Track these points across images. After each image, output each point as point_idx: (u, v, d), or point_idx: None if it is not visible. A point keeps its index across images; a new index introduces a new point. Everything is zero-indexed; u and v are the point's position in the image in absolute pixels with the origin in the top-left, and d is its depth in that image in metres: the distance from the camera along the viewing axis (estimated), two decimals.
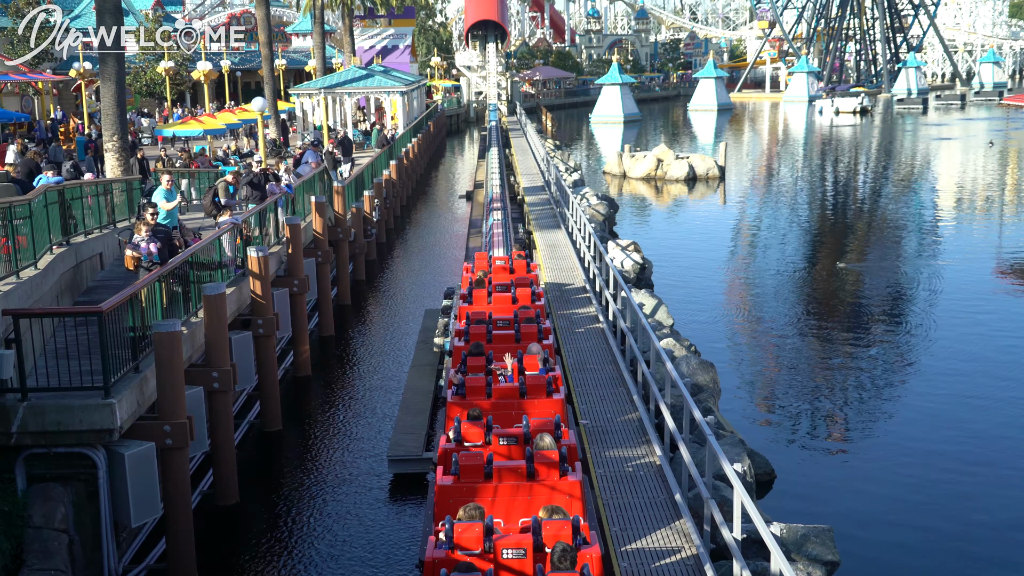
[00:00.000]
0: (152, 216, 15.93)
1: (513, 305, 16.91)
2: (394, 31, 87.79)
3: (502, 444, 10.48)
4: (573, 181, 42.62)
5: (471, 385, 12.27)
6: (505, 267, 20.13)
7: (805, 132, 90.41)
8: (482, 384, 12.33)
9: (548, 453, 10.17)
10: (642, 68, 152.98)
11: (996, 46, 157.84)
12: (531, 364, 13.22)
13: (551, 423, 11.23)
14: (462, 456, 9.89)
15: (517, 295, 17.49)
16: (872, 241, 36.76)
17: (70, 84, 56.46)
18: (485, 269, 19.91)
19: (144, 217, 15.77)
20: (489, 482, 9.85)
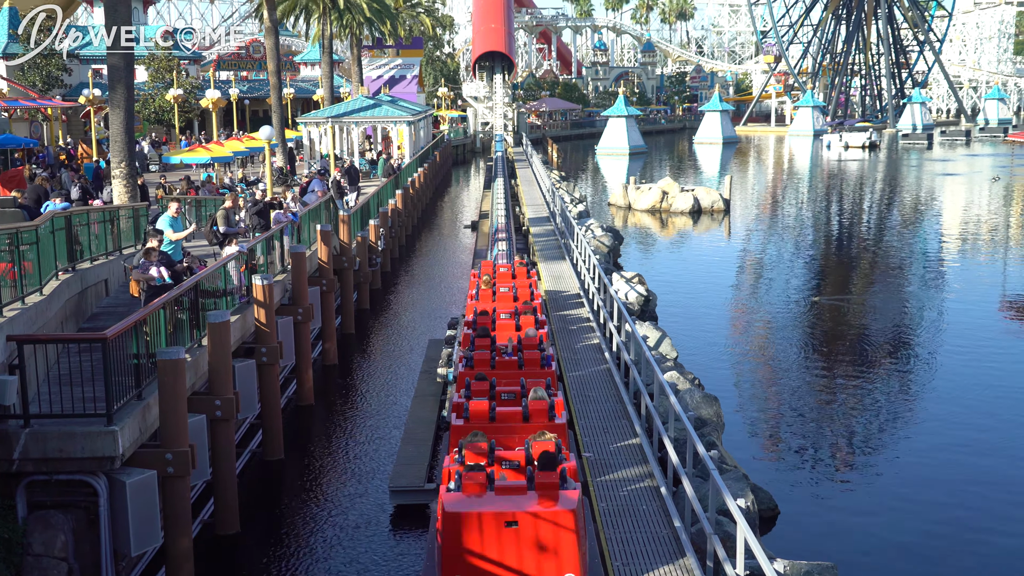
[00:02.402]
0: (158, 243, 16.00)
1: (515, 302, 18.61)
2: (402, 61, 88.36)
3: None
4: (578, 212, 42.70)
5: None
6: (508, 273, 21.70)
7: (810, 166, 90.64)
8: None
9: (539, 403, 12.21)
10: (648, 101, 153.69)
11: (1001, 83, 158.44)
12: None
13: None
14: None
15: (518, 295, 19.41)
16: (877, 276, 36.73)
17: (79, 111, 56.78)
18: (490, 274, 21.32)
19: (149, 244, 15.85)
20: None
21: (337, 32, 62.97)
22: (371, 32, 68.30)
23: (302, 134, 54.95)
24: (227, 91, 63.21)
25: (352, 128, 53.79)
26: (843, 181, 75.73)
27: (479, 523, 9.63)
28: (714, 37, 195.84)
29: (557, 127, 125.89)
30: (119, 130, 24.75)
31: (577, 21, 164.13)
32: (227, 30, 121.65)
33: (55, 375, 12.64)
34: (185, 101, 62.37)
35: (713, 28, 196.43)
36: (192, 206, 28.53)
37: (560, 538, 9.66)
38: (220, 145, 47.58)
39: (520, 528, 9.61)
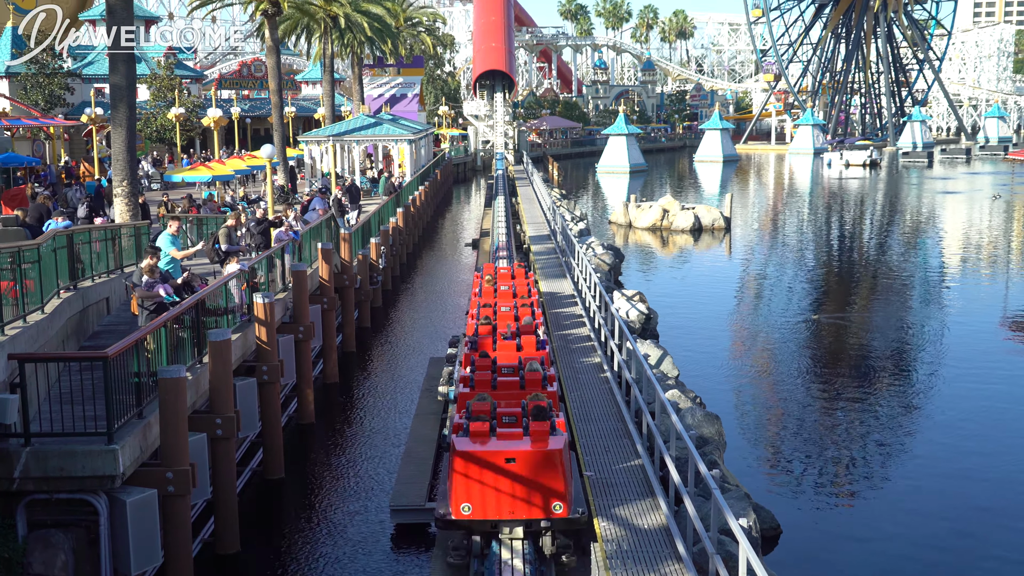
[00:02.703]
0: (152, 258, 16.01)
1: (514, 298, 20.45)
2: (403, 80, 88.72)
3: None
4: (579, 230, 42.76)
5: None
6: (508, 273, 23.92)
7: (811, 184, 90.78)
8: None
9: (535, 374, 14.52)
10: (648, 119, 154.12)
11: (1001, 101, 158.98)
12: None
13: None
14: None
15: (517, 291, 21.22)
16: (878, 294, 36.72)
17: (81, 129, 56.95)
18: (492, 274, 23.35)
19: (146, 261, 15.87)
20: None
21: (338, 51, 63.22)
22: (372, 51, 68.59)
23: (303, 152, 55.13)
24: (229, 110, 63.50)
25: (353, 146, 53.94)
26: (844, 199, 75.83)
27: (485, 460, 11.87)
28: (714, 56, 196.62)
29: (558, 145, 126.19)
30: (121, 149, 24.83)
31: (577, 40, 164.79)
32: (229, 49, 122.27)
33: (56, 393, 12.63)
34: (187, 120, 62.55)
35: (713, 47, 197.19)
36: (194, 224, 28.60)
37: (549, 473, 11.87)
38: (221, 163, 47.72)
39: (517, 464, 11.84)
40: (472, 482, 11.91)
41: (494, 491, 11.91)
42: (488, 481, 11.90)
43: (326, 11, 55.14)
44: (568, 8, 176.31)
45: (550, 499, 11.85)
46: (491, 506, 11.91)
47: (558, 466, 11.94)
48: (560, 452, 12.02)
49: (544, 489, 11.88)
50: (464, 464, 11.95)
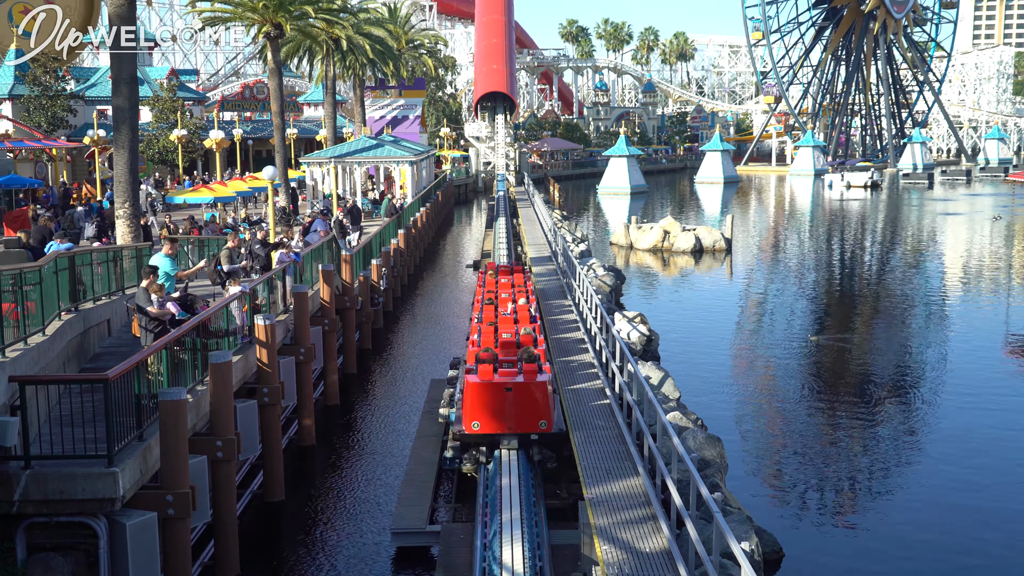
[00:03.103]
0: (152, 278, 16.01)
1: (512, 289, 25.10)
2: (404, 102, 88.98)
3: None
4: (580, 252, 42.78)
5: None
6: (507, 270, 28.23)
7: (812, 205, 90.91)
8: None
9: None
10: (649, 140, 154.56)
11: (1001, 123, 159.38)
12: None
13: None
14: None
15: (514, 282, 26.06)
16: (880, 315, 36.70)
17: (84, 151, 57.11)
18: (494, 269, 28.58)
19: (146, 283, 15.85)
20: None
21: (340, 73, 63.45)
22: (374, 73, 68.89)
23: (305, 174, 55.23)
24: (231, 131, 63.66)
25: (355, 168, 54.07)
26: (845, 221, 75.91)
27: (489, 390, 15.80)
28: (714, 78, 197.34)
29: (559, 167, 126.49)
30: (123, 171, 24.88)
31: (578, 62, 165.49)
32: (231, 71, 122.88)
33: (56, 416, 12.62)
34: (189, 141, 62.75)
35: (713, 69, 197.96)
36: (195, 246, 28.64)
37: (537, 399, 15.86)
38: (223, 185, 47.82)
39: (513, 392, 15.79)
40: (480, 407, 15.83)
41: (496, 413, 15.81)
42: (492, 406, 15.80)
43: (328, 34, 55.37)
44: (569, 30, 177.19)
45: (537, 418, 15.86)
46: (494, 424, 15.86)
47: (544, 395, 15.88)
48: (545, 384, 16.01)
49: (533, 411, 15.87)
50: (473, 394, 15.89)
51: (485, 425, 15.85)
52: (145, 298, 15.83)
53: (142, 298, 15.88)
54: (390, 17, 78.35)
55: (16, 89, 64.06)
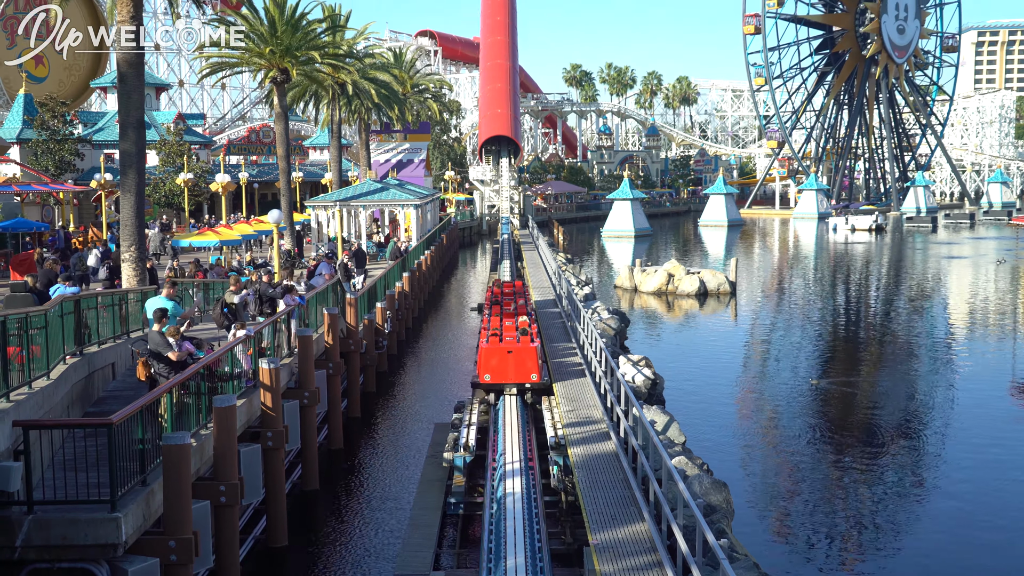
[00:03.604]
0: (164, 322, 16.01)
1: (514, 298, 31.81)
2: (409, 145, 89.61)
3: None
4: (584, 295, 42.79)
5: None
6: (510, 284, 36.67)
7: (816, 249, 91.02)
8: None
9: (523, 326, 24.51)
10: (653, 184, 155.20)
11: (1004, 166, 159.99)
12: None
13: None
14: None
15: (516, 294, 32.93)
16: (885, 359, 36.60)
17: (90, 195, 57.47)
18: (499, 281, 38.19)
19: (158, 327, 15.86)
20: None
21: (346, 117, 63.98)
22: (379, 117, 69.42)
23: (310, 217, 55.46)
24: (236, 175, 64.05)
25: (360, 211, 54.30)
26: (850, 264, 75.96)
27: (496, 352, 22.54)
28: (717, 121, 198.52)
29: (563, 210, 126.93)
30: (129, 214, 25.02)
31: (582, 106, 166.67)
32: (238, 115, 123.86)
33: (60, 460, 12.58)
34: (195, 185, 63.12)
35: (716, 113, 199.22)
36: (200, 289, 28.70)
37: (528, 359, 22.52)
38: (229, 228, 48.02)
39: (513, 354, 22.44)
40: (490, 364, 22.62)
41: (501, 368, 22.61)
42: (498, 363, 22.59)
43: (334, 79, 55.85)
44: (573, 75, 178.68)
45: (529, 372, 22.59)
46: (500, 376, 22.62)
47: (533, 356, 22.72)
48: (534, 349, 22.86)
49: (526, 367, 22.59)
50: (486, 355, 22.79)
51: (494, 377, 22.67)
52: (164, 343, 15.72)
53: (160, 344, 15.74)
54: (395, 62, 79.05)
55: (24, 133, 64.64)
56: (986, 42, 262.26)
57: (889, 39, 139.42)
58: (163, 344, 15.68)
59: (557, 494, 17.77)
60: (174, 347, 15.70)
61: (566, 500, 17.26)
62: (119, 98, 26.31)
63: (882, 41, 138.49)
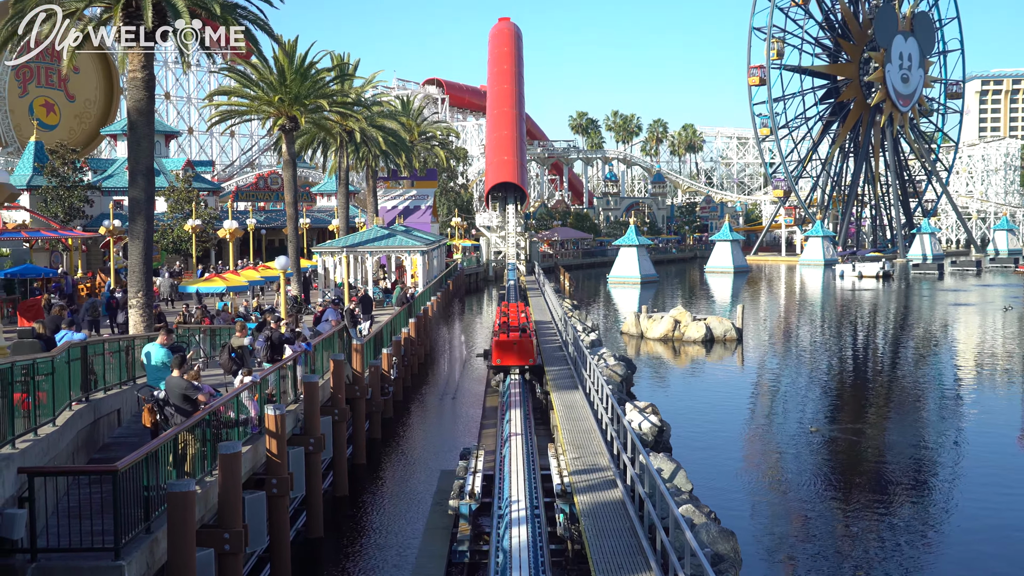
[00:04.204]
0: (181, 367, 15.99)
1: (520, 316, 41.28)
2: (416, 192, 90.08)
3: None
4: (590, 341, 42.76)
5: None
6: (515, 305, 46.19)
7: (822, 295, 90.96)
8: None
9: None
10: (659, 230, 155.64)
11: (1009, 213, 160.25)
12: None
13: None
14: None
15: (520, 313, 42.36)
16: (893, 406, 36.43)
17: (99, 241, 57.79)
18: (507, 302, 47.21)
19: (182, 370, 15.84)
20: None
21: (354, 164, 64.39)
22: (387, 164, 69.88)
23: (317, 263, 55.63)
24: (244, 221, 64.32)
25: (367, 257, 54.48)
26: (857, 310, 75.85)
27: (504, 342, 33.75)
28: (723, 169, 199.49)
29: (569, 256, 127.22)
30: (137, 260, 25.14)
31: (588, 153, 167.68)
32: (246, 162, 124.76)
33: (64, 507, 12.54)
34: (203, 231, 63.42)
35: (722, 160, 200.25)
36: (207, 335, 28.74)
37: (527, 347, 33.76)
38: (236, 275, 48.13)
39: (516, 345, 33.54)
40: (501, 351, 33.33)
41: (508, 354, 33.16)
42: (506, 350, 33.25)
43: (342, 126, 56.35)
44: (579, 122, 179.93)
45: (528, 357, 33.19)
46: (508, 359, 33.20)
47: (530, 345, 33.49)
48: (531, 339, 34.07)
49: (526, 353, 33.26)
50: (498, 345, 33.59)
51: (503, 361, 33.73)
52: (190, 387, 15.64)
53: (186, 388, 15.62)
54: (403, 110, 79.75)
55: (35, 180, 65.16)
56: (990, 91, 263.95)
57: (893, 88, 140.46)
58: (189, 388, 15.63)
59: (563, 542, 17.64)
60: (201, 388, 15.71)
61: (572, 548, 17.14)
62: (129, 146, 26.56)
63: (886, 90, 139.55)
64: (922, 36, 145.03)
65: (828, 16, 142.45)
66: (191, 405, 15.46)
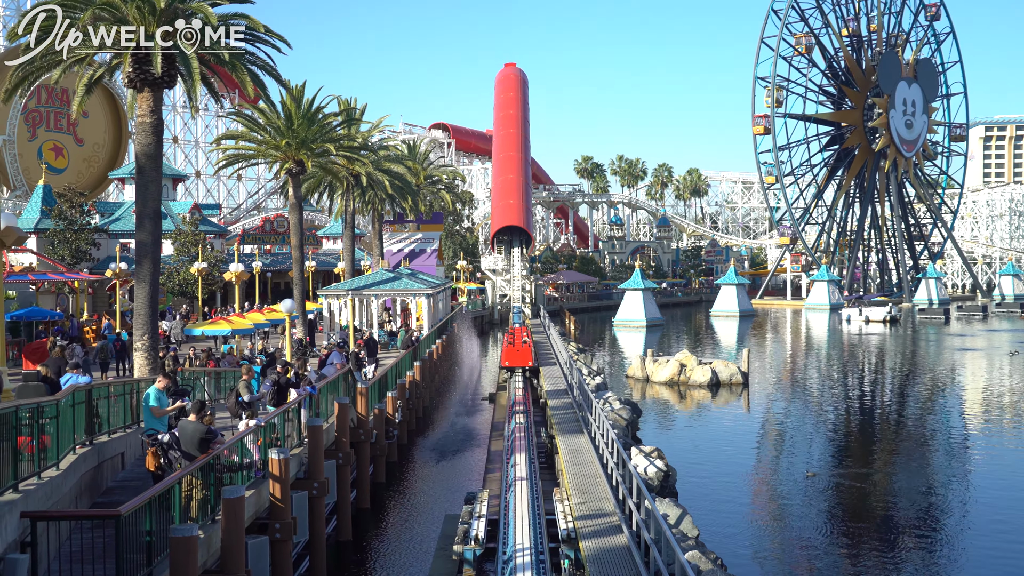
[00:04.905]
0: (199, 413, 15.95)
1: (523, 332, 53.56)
2: (422, 235, 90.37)
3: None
4: (596, 385, 42.65)
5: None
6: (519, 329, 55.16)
7: (828, 339, 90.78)
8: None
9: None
10: (664, 274, 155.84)
11: (1015, 259, 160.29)
12: None
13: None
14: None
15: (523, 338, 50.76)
16: (900, 450, 36.19)
17: (105, 283, 57.95)
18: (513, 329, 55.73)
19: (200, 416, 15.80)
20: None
21: (360, 207, 64.72)
22: (393, 208, 70.26)
23: (322, 306, 55.68)
24: (250, 264, 64.55)
25: (372, 300, 54.53)
26: (864, 355, 75.65)
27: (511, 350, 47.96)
28: (728, 212, 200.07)
29: (574, 299, 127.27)
30: (143, 304, 25.19)
31: (593, 197, 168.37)
32: (253, 205, 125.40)
33: (67, 552, 12.47)
34: (209, 274, 63.62)
35: (727, 204, 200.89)
36: (212, 378, 28.72)
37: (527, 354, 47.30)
38: (241, 317, 48.18)
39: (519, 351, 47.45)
40: (508, 356, 47.29)
41: (513, 358, 46.76)
42: (511, 356, 47.04)
43: (349, 170, 56.68)
44: (584, 166, 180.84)
45: (528, 360, 46.59)
46: (515, 362, 46.42)
47: (529, 352, 47.42)
48: (530, 348, 48.17)
49: (526, 357, 46.76)
50: (506, 351, 48.25)
51: (510, 363, 46.06)
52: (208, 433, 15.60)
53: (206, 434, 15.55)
54: (409, 154, 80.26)
55: (42, 223, 65.53)
56: (994, 136, 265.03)
57: (897, 133, 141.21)
58: (207, 433, 15.58)
59: None
60: (216, 434, 15.69)
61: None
62: (137, 190, 26.73)
63: (890, 135, 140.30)
64: (925, 82, 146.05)
65: (831, 64, 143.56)
66: (204, 450, 15.41)
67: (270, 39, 29.93)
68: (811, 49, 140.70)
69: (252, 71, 29.20)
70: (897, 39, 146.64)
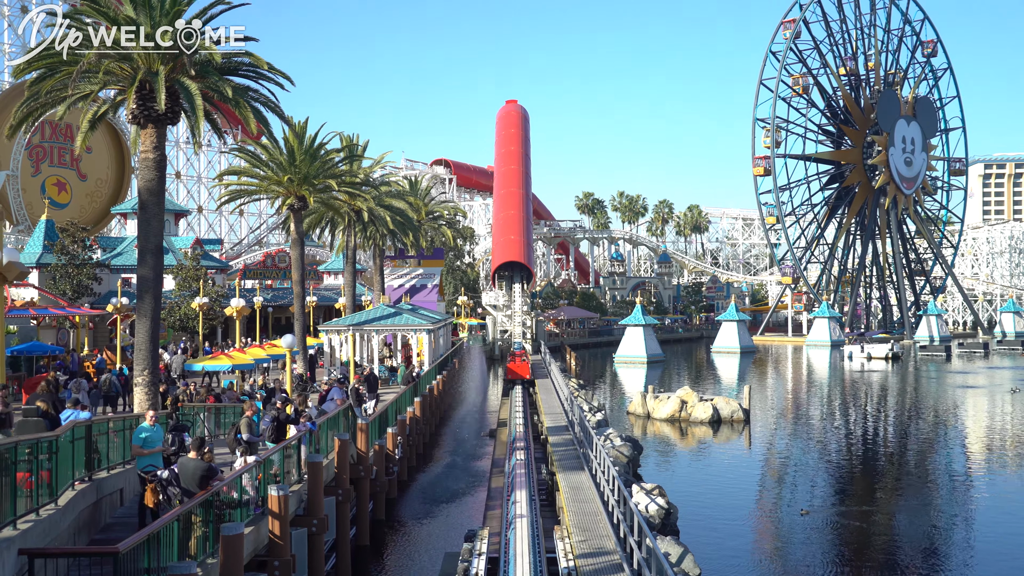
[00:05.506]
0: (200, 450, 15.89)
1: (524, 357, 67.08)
2: (423, 271, 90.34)
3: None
4: (597, 421, 42.49)
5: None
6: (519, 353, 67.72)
7: (829, 376, 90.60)
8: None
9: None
10: (665, 310, 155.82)
11: (1016, 296, 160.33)
12: None
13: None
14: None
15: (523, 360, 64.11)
16: (902, 487, 36.01)
17: (106, 318, 57.94)
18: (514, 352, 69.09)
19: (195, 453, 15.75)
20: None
21: (361, 243, 64.82)
22: (394, 243, 70.32)
23: (323, 341, 55.65)
24: (251, 299, 64.55)
25: (372, 336, 54.50)
26: (866, 392, 75.46)
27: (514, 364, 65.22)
28: (729, 249, 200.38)
29: (575, 335, 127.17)
30: (144, 339, 25.18)
31: (594, 233, 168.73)
32: (255, 240, 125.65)
33: None
34: (210, 309, 63.60)
35: (727, 240, 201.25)
36: (212, 413, 28.63)
37: (525, 367, 64.67)
38: (242, 352, 48.12)
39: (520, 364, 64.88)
40: (511, 368, 64.93)
41: (514, 371, 64.32)
42: (513, 369, 64.62)
43: (350, 205, 56.85)
44: (585, 202, 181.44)
45: (525, 374, 63.33)
46: (514, 375, 63.77)
47: (527, 366, 64.55)
48: (528, 363, 65.36)
49: (524, 371, 63.95)
50: (510, 365, 65.43)
51: (512, 375, 63.85)
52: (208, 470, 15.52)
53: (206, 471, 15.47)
54: (411, 190, 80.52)
55: (44, 258, 65.64)
56: (993, 174, 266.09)
57: (897, 171, 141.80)
58: (208, 470, 15.52)
59: None
60: (217, 471, 15.64)
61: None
62: (139, 225, 26.81)
63: (890, 173, 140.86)
64: (924, 120, 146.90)
65: (830, 103, 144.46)
66: (204, 487, 15.34)
67: (273, 76, 30.14)
68: (809, 89, 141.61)
69: (255, 107, 29.39)
70: (895, 76, 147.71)
